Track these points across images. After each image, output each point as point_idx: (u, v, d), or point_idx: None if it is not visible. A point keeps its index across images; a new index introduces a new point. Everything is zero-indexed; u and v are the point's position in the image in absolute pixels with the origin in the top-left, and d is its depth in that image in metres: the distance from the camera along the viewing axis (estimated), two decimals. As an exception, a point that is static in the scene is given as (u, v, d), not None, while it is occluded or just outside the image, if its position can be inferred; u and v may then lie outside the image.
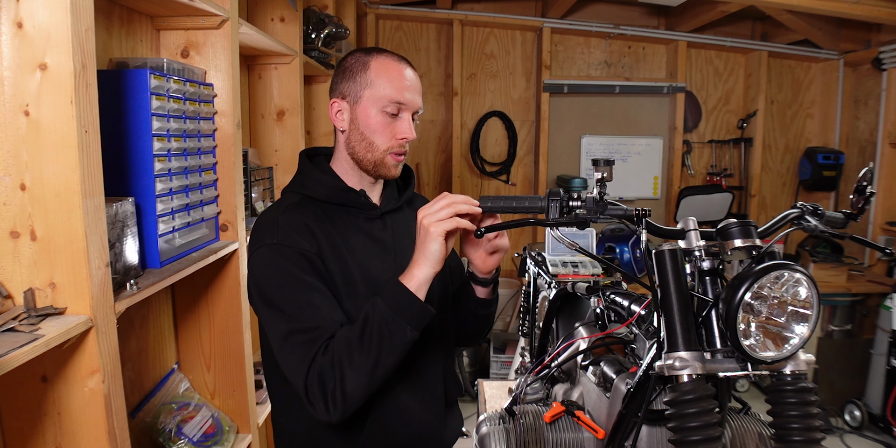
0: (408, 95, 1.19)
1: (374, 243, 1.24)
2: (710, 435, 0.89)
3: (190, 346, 1.72)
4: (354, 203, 1.23)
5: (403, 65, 1.22)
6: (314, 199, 1.22)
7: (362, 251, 1.20)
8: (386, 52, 1.22)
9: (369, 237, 1.23)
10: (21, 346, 0.83)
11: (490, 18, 4.06)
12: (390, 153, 1.21)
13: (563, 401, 1.12)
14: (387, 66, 1.19)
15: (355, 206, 1.24)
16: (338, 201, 1.23)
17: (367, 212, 1.25)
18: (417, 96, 1.22)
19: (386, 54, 1.22)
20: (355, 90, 1.20)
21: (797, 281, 0.94)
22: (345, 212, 1.23)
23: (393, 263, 1.23)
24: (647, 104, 4.33)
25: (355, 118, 1.21)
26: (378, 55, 1.21)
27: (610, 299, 1.38)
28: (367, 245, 1.22)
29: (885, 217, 3.78)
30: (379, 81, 1.18)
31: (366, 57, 1.21)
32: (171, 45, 1.57)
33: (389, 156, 1.21)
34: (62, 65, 0.90)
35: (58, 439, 1.01)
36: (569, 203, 1.07)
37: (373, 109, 1.19)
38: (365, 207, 1.25)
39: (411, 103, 1.20)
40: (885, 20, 3.30)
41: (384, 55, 1.21)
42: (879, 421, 3.27)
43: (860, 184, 1.11)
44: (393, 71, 1.19)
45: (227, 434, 1.65)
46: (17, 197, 0.93)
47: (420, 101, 1.23)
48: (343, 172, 1.26)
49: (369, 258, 1.21)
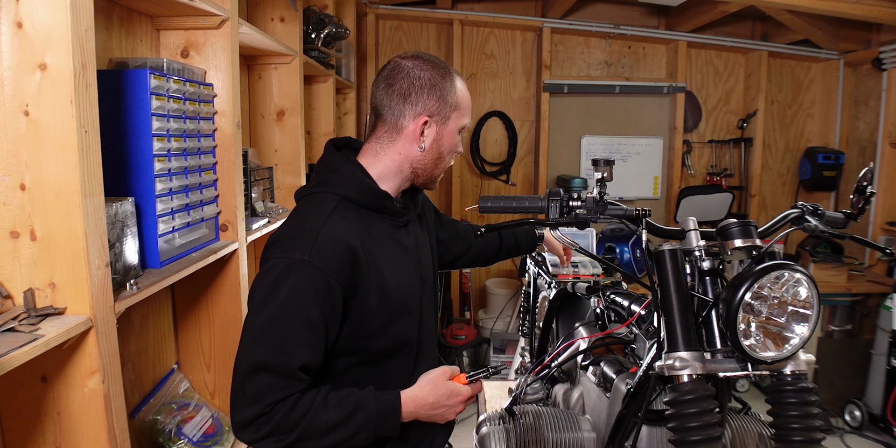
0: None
1: (404, 253, 1.22)
2: (710, 435, 0.89)
3: (190, 346, 1.72)
4: (389, 210, 1.20)
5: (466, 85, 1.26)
6: (351, 201, 1.16)
7: (397, 262, 1.19)
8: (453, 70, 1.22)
9: (400, 246, 1.22)
10: (21, 346, 0.83)
11: (490, 18, 4.07)
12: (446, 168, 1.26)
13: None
14: (464, 89, 1.22)
15: (389, 213, 1.21)
16: (375, 207, 1.18)
17: (397, 219, 1.22)
18: None
19: (458, 74, 1.23)
20: (444, 111, 1.18)
21: (797, 281, 0.94)
22: (378, 218, 1.19)
23: (417, 272, 1.24)
24: (647, 104, 4.33)
25: (440, 139, 1.20)
26: (456, 75, 1.21)
27: (610, 299, 1.38)
28: (400, 255, 1.21)
29: (886, 217, 3.78)
30: (463, 105, 1.21)
31: (450, 76, 1.19)
32: (171, 45, 1.57)
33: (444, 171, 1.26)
34: (62, 65, 0.90)
35: (58, 439, 1.01)
36: (569, 203, 1.07)
37: (456, 131, 1.22)
38: (397, 214, 1.22)
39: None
40: (885, 20, 3.30)
41: (458, 75, 1.22)
42: (879, 421, 3.27)
43: (860, 184, 1.11)
44: (467, 94, 1.23)
45: (227, 434, 1.65)
46: (16, 197, 0.93)
47: None
48: (382, 177, 1.20)
49: (402, 268, 1.20)
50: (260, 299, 1.05)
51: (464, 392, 1.15)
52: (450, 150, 1.22)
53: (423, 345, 1.23)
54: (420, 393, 1.12)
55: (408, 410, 1.11)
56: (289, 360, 1.02)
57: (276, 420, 1.00)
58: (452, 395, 1.14)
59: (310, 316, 1.03)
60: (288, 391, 1.02)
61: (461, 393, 1.15)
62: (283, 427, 1.01)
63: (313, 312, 1.03)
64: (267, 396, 1.00)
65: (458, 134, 1.22)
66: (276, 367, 1.01)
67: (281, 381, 1.01)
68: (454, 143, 1.22)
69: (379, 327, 1.13)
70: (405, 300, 1.17)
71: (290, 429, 1.01)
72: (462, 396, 1.15)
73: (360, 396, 1.07)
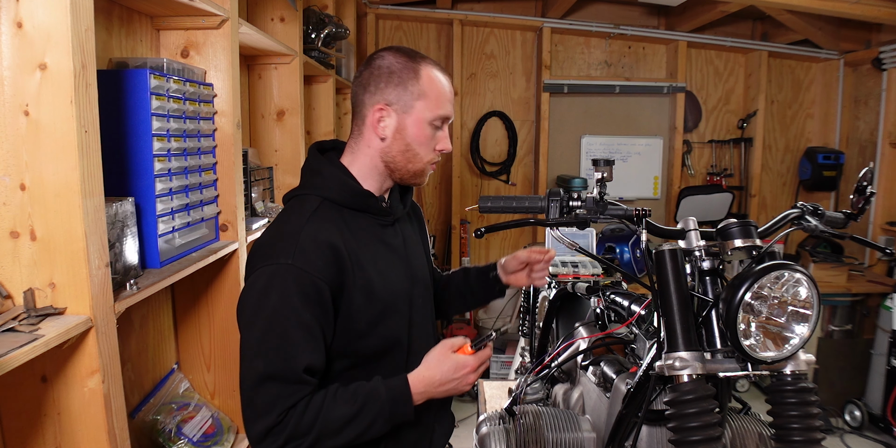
0: (451, 109, 1.19)
1: (390, 252, 1.21)
2: (710, 435, 0.89)
3: (190, 346, 1.72)
4: (373, 209, 1.19)
5: (446, 76, 1.20)
6: (333, 202, 1.16)
7: (382, 261, 1.17)
8: (429, 60, 1.19)
9: (385, 245, 1.20)
10: (21, 346, 0.83)
11: (490, 18, 4.06)
12: (430, 164, 1.20)
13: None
14: (437, 78, 1.17)
15: (373, 212, 1.19)
16: (357, 207, 1.17)
17: (382, 218, 1.21)
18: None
19: (431, 63, 1.18)
20: (406, 100, 1.14)
21: (797, 281, 0.94)
22: (362, 218, 1.18)
23: (406, 271, 1.22)
24: (648, 104, 4.33)
25: (403, 128, 1.15)
26: (425, 63, 1.17)
27: (610, 299, 1.38)
28: (385, 253, 1.19)
29: (885, 217, 3.78)
30: (432, 94, 1.15)
31: (413, 63, 1.15)
32: (171, 44, 1.57)
33: (429, 166, 1.21)
34: (62, 65, 0.90)
35: (58, 439, 1.01)
36: (569, 203, 1.07)
37: (424, 121, 1.16)
38: (381, 213, 1.21)
39: (452, 116, 1.20)
40: (885, 20, 3.30)
41: (431, 64, 1.18)
42: (879, 421, 3.27)
43: (860, 184, 1.11)
44: (443, 84, 1.18)
45: (227, 434, 1.65)
46: (16, 197, 0.93)
47: None
48: (363, 176, 1.19)
49: (388, 267, 1.18)
50: (251, 313, 1.05)
51: (470, 362, 1.12)
52: (420, 142, 1.16)
53: (414, 344, 1.21)
54: (426, 372, 1.11)
55: (417, 391, 1.09)
56: (292, 365, 1.02)
57: (291, 427, 1.00)
58: (459, 368, 1.12)
59: (303, 318, 1.03)
60: (296, 397, 1.01)
61: (467, 364, 1.12)
62: (299, 432, 1.01)
63: (306, 314, 1.03)
64: (277, 405, 1.00)
65: (429, 125, 1.16)
66: (281, 374, 1.01)
67: (288, 388, 1.01)
68: (424, 135, 1.16)
69: (366, 327, 1.12)
70: (393, 299, 1.16)
71: (306, 432, 1.01)
72: (469, 367, 1.12)
73: (370, 387, 1.08)
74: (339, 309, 1.09)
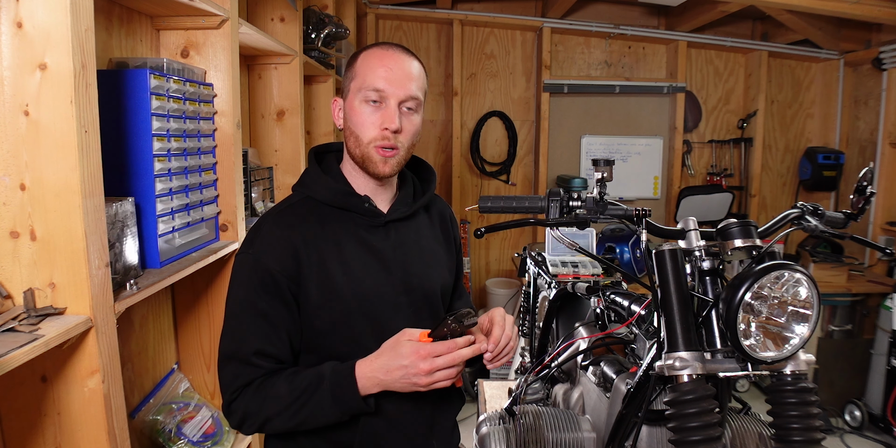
0: (387, 81, 1.10)
1: (371, 255, 1.16)
2: (710, 435, 0.89)
3: (190, 346, 1.72)
4: (356, 209, 1.17)
5: (392, 51, 1.13)
6: (315, 200, 1.18)
7: (356, 263, 1.14)
8: (383, 43, 1.16)
9: (366, 247, 1.16)
10: (21, 347, 0.83)
11: (490, 18, 4.06)
12: (375, 146, 1.12)
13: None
14: (374, 54, 1.12)
15: (357, 212, 1.17)
16: (339, 205, 1.16)
17: (369, 219, 1.18)
18: (405, 84, 1.11)
19: (381, 45, 1.15)
20: (345, 85, 1.17)
21: (797, 281, 0.94)
22: (346, 217, 1.17)
23: (390, 276, 1.17)
24: (647, 104, 4.33)
25: (347, 113, 1.16)
26: (372, 47, 1.15)
27: (610, 299, 1.38)
28: (363, 256, 1.15)
29: (886, 217, 3.78)
30: (361, 71, 1.12)
31: (361, 51, 1.16)
32: (171, 44, 1.57)
33: (374, 149, 1.12)
34: (62, 65, 0.90)
35: (58, 439, 1.01)
36: (569, 203, 1.07)
37: (356, 100, 1.12)
38: (367, 214, 1.17)
39: (390, 89, 1.10)
40: (885, 20, 3.30)
41: (378, 46, 1.15)
42: (879, 421, 3.27)
43: (860, 184, 1.11)
44: (376, 58, 1.12)
45: (227, 434, 1.65)
46: (16, 197, 0.93)
47: (410, 90, 1.12)
48: (349, 174, 1.20)
49: (363, 271, 1.14)
50: (227, 297, 1.14)
51: (423, 349, 1.04)
52: (357, 122, 1.12)
53: None
54: (375, 358, 1.07)
55: (364, 375, 1.06)
56: (244, 348, 1.09)
57: (245, 403, 1.08)
58: (409, 354, 1.04)
59: (258, 305, 1.09)
60: (251, 376, 1.08)
61: (418, 351, 1.03)
62: (252, 409, 1.07)
63: (261, 302, 1.09)
64: (234, 382, 1.09)
65: (363, 103, 1.11)
66: (237, 354, 1.09)
67: (243, 368, 1.09)
68: (358, 113, 1.12)
69: (327, 326, 1.13)
70: (361, 302, 1.13)
71: (258, 410, 1.07)
72: (418, 354, 1.03)
73: (317, 369, 1.09)
74: (299, 303, 1.12)
